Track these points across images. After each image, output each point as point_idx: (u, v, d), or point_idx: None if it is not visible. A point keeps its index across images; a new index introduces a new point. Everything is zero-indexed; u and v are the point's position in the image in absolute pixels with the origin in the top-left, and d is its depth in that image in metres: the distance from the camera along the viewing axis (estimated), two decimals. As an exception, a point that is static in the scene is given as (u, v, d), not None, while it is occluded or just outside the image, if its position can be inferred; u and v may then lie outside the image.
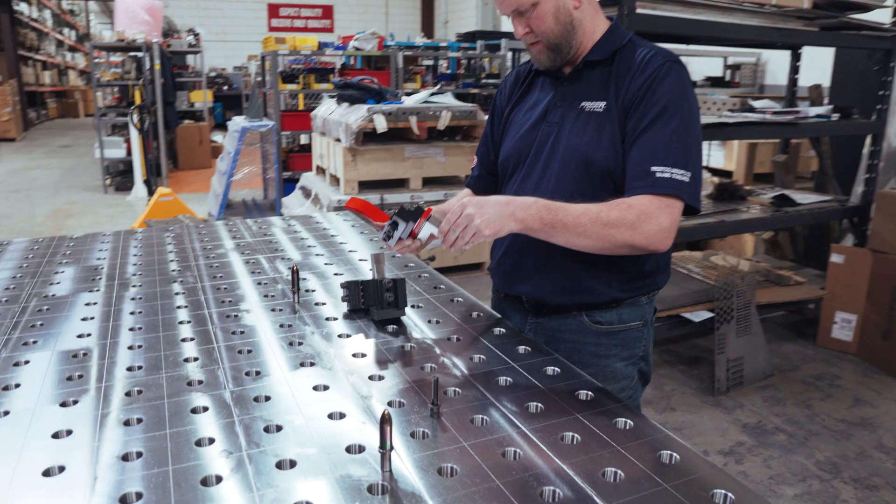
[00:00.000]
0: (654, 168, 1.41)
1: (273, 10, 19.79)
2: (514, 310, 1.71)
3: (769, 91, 9.38)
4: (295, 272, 1.73)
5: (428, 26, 21.19)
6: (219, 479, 1.00)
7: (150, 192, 7.45)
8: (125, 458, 1.06)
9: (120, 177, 9.15)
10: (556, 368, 1.35)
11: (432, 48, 10.31)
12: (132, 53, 9.66)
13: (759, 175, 6.05)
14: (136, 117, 7.50)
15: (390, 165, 5.32)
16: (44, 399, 1.24)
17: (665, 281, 1.65)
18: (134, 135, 8.03)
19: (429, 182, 5.38)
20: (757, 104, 4.68)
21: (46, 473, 1.02)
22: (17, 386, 1.30)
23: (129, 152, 8.67)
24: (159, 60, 8.74)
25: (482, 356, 1.41)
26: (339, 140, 5.34)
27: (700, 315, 3.79)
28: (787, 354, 4.28)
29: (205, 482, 0.99)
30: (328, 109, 5.86)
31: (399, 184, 5.36)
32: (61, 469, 1.03)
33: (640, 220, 1.38)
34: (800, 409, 3.59)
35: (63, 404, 1.22)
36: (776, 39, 4.17)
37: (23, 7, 16.84)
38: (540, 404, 1.21)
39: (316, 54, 7.79)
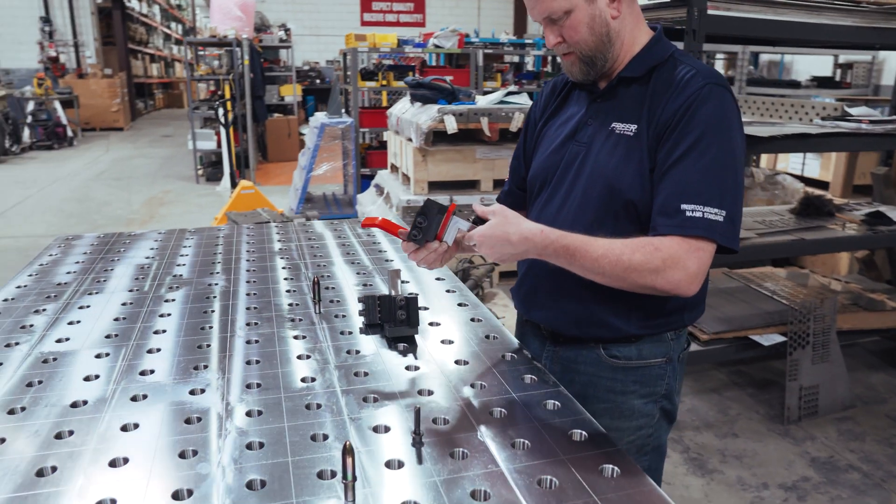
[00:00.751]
0: (684, 206, 1.30)
1: (366, 5, 20.12)
2: (534, 335, 1.65)
3: (885, 93, 8.69)
4: (316, 283, 1.75)
5: (521, 22, 20.99)
6: (190, 493, 1.02)
7: (233, 185, 7.77)
8: (112, 463, 1.10)
9: (211, 167, 9.61)
10: (557, 402, 1.30)
11: (517, 45, 10.21)
12: (227, 48, 10.09)
13: (859, 187, 5.64)
14: (220, 111, 7.84)
15: (461, 167, 5.31)
16: (59, 398, 1.31)
17: (696, 317, 1.53)
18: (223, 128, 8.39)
19: (500, 184, 5.32)
20: (854, 111, 4.34)
21: (40, 473, 1.08)
22: (40, 383, 1.38)
23: (219, 144, 9.07)
24: (248, 55, 9.08)
25: (484, 383, 1.38)
26: (410, 140, 5.38)
27: (771, 339, 3.56)
28: (874, 385, 3.96)
29: (176, 496, 1.02)
30: (402, 108, 5.92)
31: (470, 185, 5.34)
32: (53, 469, 1.09)
33: (665, 265, 1.28)
34: (881, 446, 3.31)
35: (74, 405, 1.29)
36: (875, 41, 3.84)
37: (134, 3, 17.95)
38: (528, 441, 1.16)
39: (395, 51, 7.87)
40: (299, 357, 1.49)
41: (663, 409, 1.54)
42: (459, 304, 1.84)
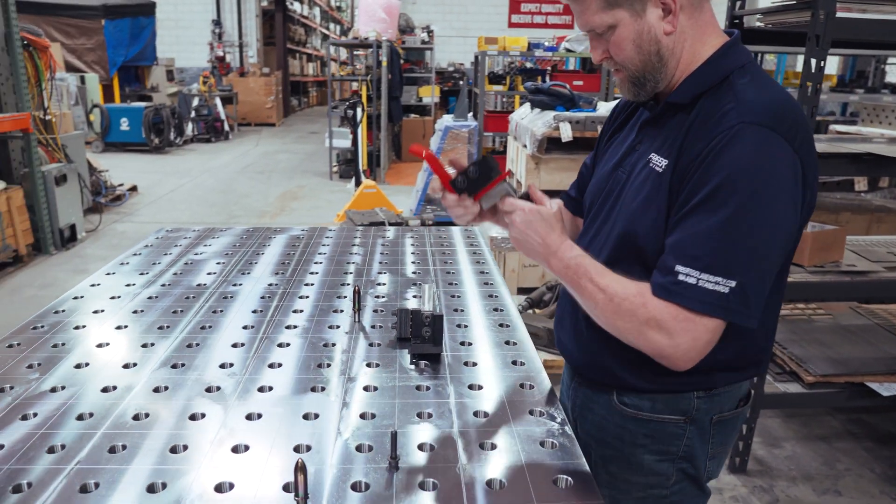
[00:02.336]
0: (679, 267, 1.13)
1: (514, 6, 20.06)
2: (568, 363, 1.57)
3: None
4: (357, 293, 1.78)
5: (674, 25, 20.06)
6: (164, 486, 1.09)
7: (357, 183, 8.09)
8: (112, 450, 1.19)
9: (345, 165, 10.07)
10: (556, 442, 1.23)
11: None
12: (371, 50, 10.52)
13: None
14: (350, 111, 8.20)
15: (574, 176, 5.17)
16: (96, 381, 1.44)
17: (739, 378, 1.33)
18: (359, 126, 8.77)
19: (612, 196, 5.13)
20: None
21: (50, 450, 1.19)
22: (87, 365, 1.51)
23: (353, 143, 9.47)
24: (386, 57, 9.41)
25: (488, 412, 1.34)
26: (525, 146, 5.33)
27: (894, 388, 3.15)
28: None
29: (151, 489, 1.08)
30: (522, 114, 5.87)
31: (582, 195, 5.20)
32: (63, 447, 1.19)
33: (648, 325, 1.15)
34: None
35: (104, 389, 1.41)
36: None
37: (295, 6, 19.19)
38: (505, 480, 1.11)
39: (525, 55, 7.82)
40: (319, 365, 1.53)
41: (684, 472, 1.36)
42: (501, 325, 1.80)
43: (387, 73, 9.59)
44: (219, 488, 1.08)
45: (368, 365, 1.54)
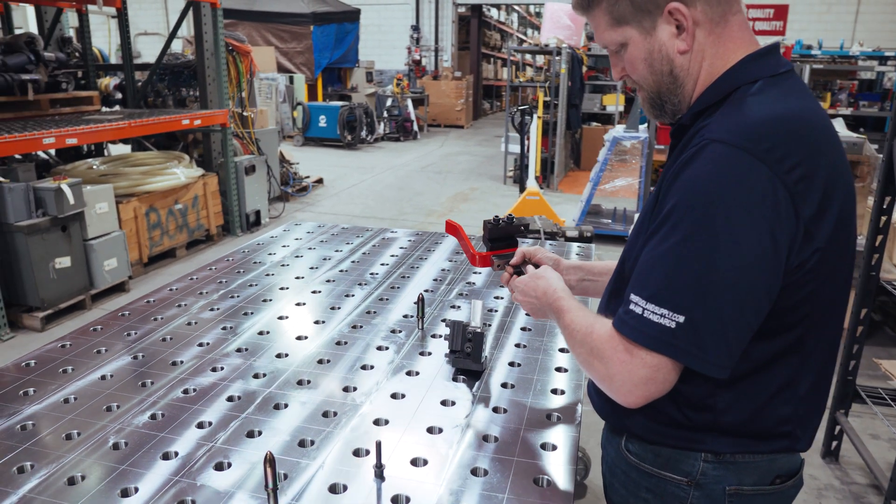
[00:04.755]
0: (633, 295, 1.04)
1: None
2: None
3: None
4: (420, 300, 1.83)
5: (911, 30, 17.61)
6: (176, 454, 1.23)
7: (521, 190, 8.10)
8: (152, 416, 1.35)
9: (518, 170, 10.13)
10: (550, 479, 1.19)
11: (877, 58, 8.70)
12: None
13: None
14: (518, 117, 8.23)
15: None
16: (158, 347, 1.64)
17: (754, 448, 1.12)
18: (533, 132, 8.80)
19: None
20: None
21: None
22: (171, 339, 1.72)
23: (523, 149, 9.51)
24: (566, 64, 9.32)
25: (496, 436, 1.32)
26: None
27: None
28: None
29: (166, 456, 1.23)
30: (689, 128, 5.54)
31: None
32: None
33: (592, 355, 1.10)
34: None
35: (143, 382, 1.59)
36: None
37: (492, 12, 19.64)
38: (476, 509, 1.10)
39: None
40: (363, 367, 1.60)
41: None
42: (561, 350, 1.74)
43: (566, 79, 9.50)
44: (218, 466, 1.20)
45: (408, 373, 1.58)
